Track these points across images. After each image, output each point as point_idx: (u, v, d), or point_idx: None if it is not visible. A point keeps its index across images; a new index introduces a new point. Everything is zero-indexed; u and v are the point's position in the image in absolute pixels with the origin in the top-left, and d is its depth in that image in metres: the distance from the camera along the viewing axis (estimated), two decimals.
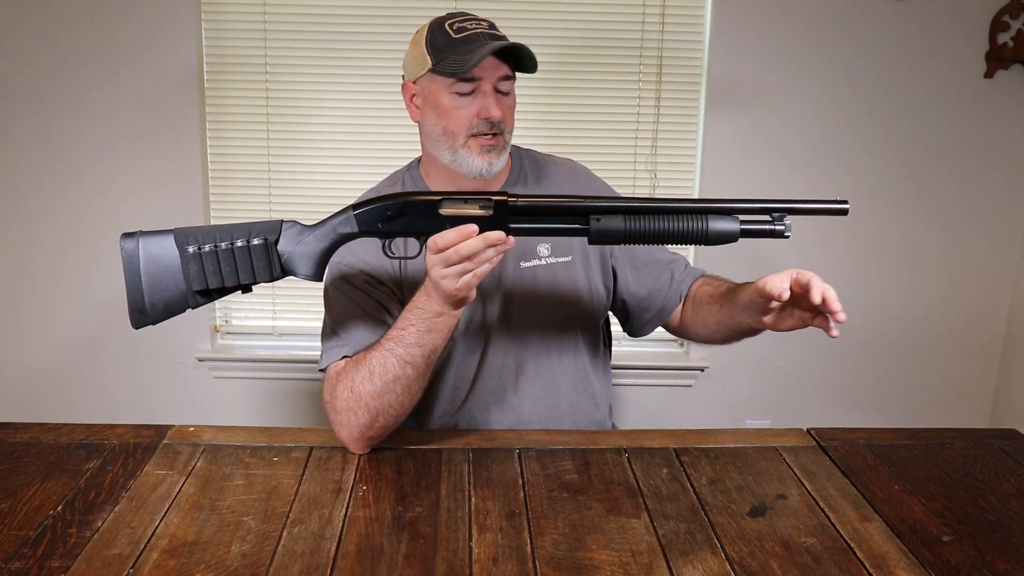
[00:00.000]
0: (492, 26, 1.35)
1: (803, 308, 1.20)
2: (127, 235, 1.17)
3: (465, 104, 1.32)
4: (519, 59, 1.33)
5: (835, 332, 1.15)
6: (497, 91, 1.33)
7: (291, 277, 1.21)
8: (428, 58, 1.33)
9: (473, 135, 1.33)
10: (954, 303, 2.59)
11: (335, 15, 2.37)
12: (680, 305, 1.50)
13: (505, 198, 1.14)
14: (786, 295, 1.16)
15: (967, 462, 1.32)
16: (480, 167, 1.34)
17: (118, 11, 2.31)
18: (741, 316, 1.31)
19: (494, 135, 1.33)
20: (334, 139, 2.45)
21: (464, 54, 1.29)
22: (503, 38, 1.32)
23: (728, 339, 1.42)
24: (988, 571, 1.03)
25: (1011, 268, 2.58)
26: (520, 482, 1.22)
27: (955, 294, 2.58)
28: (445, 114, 1.34)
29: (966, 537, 1.11)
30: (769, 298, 1.18)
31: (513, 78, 1.35)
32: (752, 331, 1.34)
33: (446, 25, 1.33)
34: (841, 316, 1.13)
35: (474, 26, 1.32)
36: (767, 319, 1.25)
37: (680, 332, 1.54)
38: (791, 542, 1.09)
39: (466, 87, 1.31)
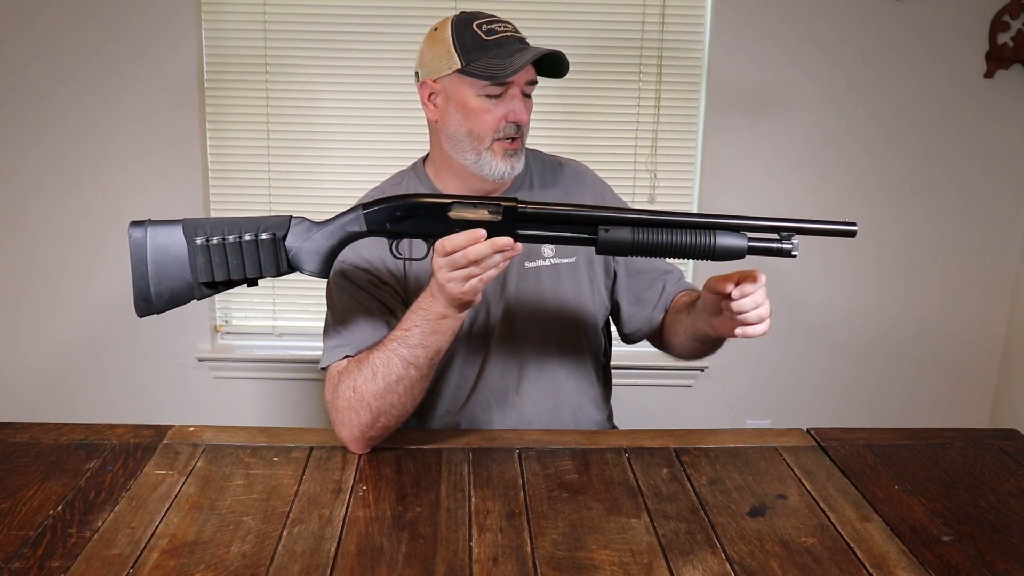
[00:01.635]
0: (516, 29, 1.35)
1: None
2: (136, 223, 1.17)
3: (493, 107, 1.32)
4: (547, 65, 1.34)
5: (736, 332, 1.19)
6: (523, 95, 1.34)
7: (294, 275, 1.21)
8: (457, 58, 1.31)
9: (498, 139, 1.33)
10: (954, 303, 2.59)
11: (335, 15, 2.37)
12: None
13: (514, 204, 1.14)
14: (730, 288, 1.18)
15: (967, 462, 1.32)
16: (503, 171, 1.34)
17: (118, 11, 2.31)
18: (699, 321, 1.31)
19: (518, 139, 1.34)
20: (334, 139, 2.45)
21: (500, 57, 1.28)
22: (526, 41, 1.34)
23: (697, 350, 1.42)
24: (988, 571, 1.03)
25: (1011, 268, 2.58)
26: (520, 482, 1.22)
27: (955, 294, 2.59)
28: (472, 116, 1.33)
29: (966, 537, 1.11)
30: (716, 293, 1.20)
31: (537, 82, 1.36)
32: (710, 339, 1.34)
33: (474, 26, 1.32)
34: (749, 330, 1.18)
35: (502, 29, 1.33)
36: (716, 321, 1.25)
37: (663, 345, 1.54)
38: (791, 542, 1.09)
39: (497, 90, 1.31)
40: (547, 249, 1.44)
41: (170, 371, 2.54)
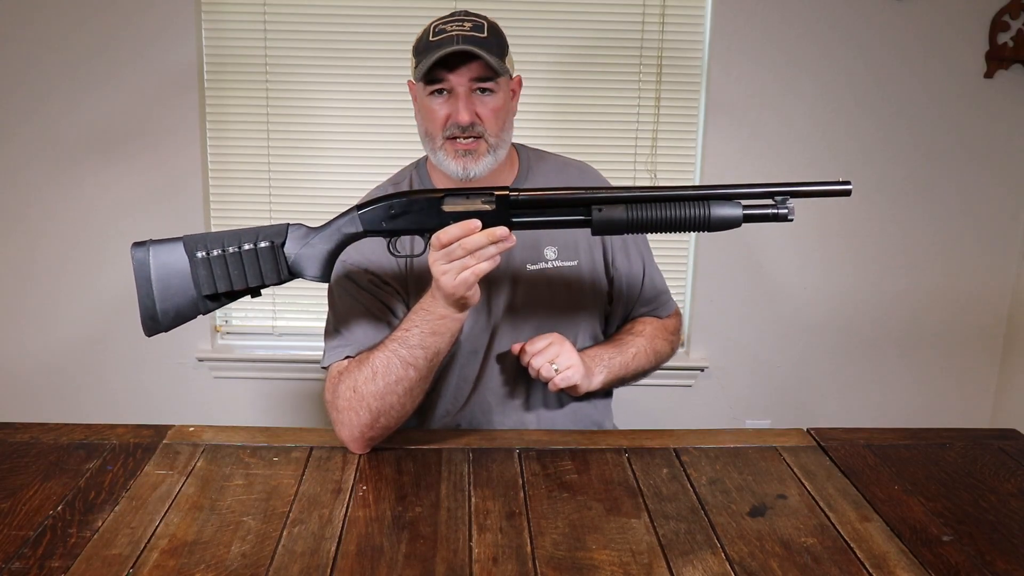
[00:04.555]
0: (477, 27, 1.31)
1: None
2: (138, 244, 1.18)
3: (439, 106, 1.32)
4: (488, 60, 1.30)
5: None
6: (482, 91, 1.31)
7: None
8: (413, 60, 1.35)
9: (448, 138, 1.32)
10: (954, 303, 2.59)
11: (335, 15, 2.37)
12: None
13: (507, 192, 1.15)
14: (515, 350, 1.39)
15: (967, 462, 1.32)
16: (455, 170, 1.33)
17: (118, 12, 2.31)
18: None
19: (470, 138, 1.32)
20: (334, 139, 2.45)
21: (431, 58, 1.28)
22: (475, 39, 1.29)
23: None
24: (988, 571, 1.03)
25: (1011, 268, 2.58)
26: (520, 482, 1.22)
27: (955, 294, 2.58)
28: (425, 115, 1.35)
29: (966, 537, 1.11)
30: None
31: (493, 79, 1.31)
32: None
33: (431, 27, 1.33)
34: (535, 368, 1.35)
35: (454, 28, 1.30)
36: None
37: None
38: (791, 542, 1.09)
39: (436, 88, 1.31)
40: (550, 252, 1.44)
41: (170, 371, 2.54)
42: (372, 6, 2.37)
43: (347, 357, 1.32)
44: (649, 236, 1.49)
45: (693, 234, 2.51)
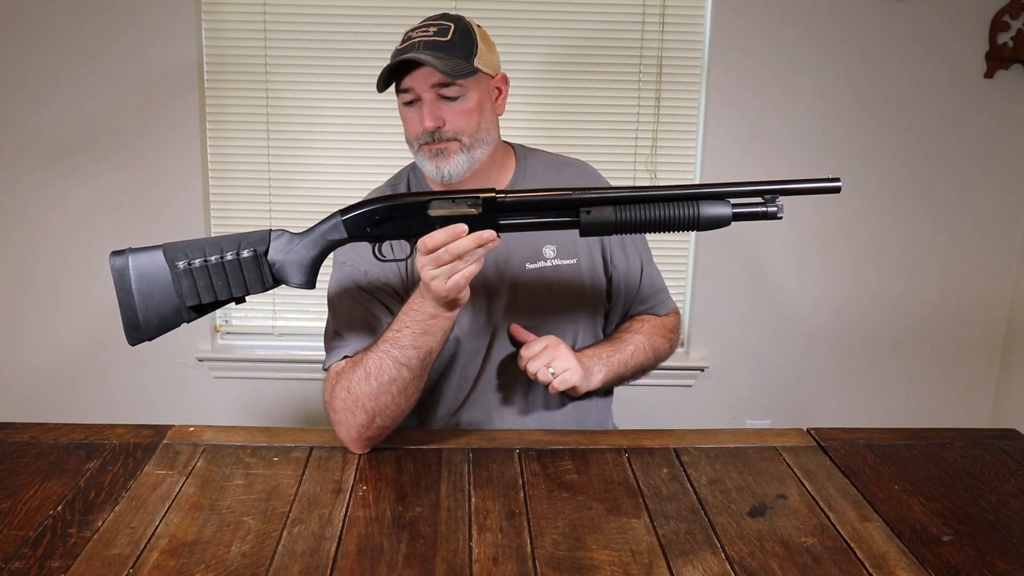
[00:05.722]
0: (442, 31, 1.30)
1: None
2: (116, 253, 1.16)
3: (411, 114, 1.34)
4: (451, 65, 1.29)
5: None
6: (445, 97, 1.31)
7: None
8: None
9: (423, 143, 1.33)
10: (954, 303, 2.59)
11: (335, 15, 2.37)
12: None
13: (493, 195, 1.14)
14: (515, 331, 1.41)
15: (967, 462, 1.32)
16: (431, 171, 1.35)
17: (118, 12, 2.31)
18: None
19: (442, 141, 1.32)
20: (334, 139, 2.45)
21: (386, 68, 1.29)
22: (442, 45, 1.28)
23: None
24: (988, 571, 1.03)
25: (1011, 268, 2.58)
26: (520, 482, 1.22)
27: (955, 294, 2.59)
28: (404, 123, 1.37)
29: (966, 537, 1.11)
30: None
31: (453, 84, 1.30)
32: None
33: (404, 35, 1.34)
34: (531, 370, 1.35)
35: (418, 35, 1.30)
36: None
37: None
38: (791, 542, 1.09)
39: (407, 97, 1.32)
40: (549, 250, 1.44)
41: (170, 371, 2.54)
42: (372, 6, 2.37)
43: (345, 358, 1.32)
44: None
45: (693, 234, 2.52)
